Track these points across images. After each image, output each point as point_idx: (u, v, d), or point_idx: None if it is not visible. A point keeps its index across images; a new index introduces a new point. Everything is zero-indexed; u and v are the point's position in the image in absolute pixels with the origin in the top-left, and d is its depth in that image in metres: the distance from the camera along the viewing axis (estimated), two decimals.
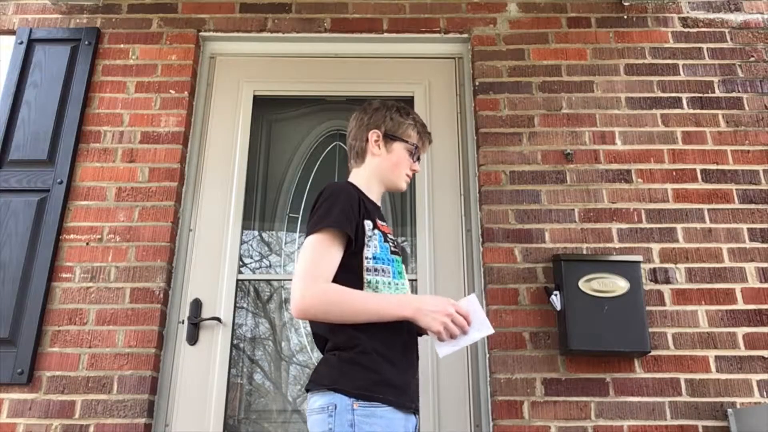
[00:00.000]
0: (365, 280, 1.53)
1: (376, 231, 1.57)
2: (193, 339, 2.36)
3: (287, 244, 2.63)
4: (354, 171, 1.72)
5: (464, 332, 1.50)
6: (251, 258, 2.61)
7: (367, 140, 1.69)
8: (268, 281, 2.62)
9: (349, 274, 1.52)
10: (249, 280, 2.57)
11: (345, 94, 2.80)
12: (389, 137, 1.68)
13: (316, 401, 1.48)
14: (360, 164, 1.71)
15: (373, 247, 1.56)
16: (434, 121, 2.69)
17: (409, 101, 2.75)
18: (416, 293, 2.47)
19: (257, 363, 2.47)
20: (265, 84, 2.78)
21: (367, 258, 1.55)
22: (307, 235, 1.52)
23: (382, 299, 1.53)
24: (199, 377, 2.32)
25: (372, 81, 2.77)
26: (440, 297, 1.56)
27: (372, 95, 2.77)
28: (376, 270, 1.55)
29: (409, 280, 2.48)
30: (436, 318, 1.48)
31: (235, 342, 2.43)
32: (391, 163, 1.69)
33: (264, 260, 2.64)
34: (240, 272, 2.50)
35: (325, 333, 1.54)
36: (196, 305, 2.39)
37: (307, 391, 1.53)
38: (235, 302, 2.43)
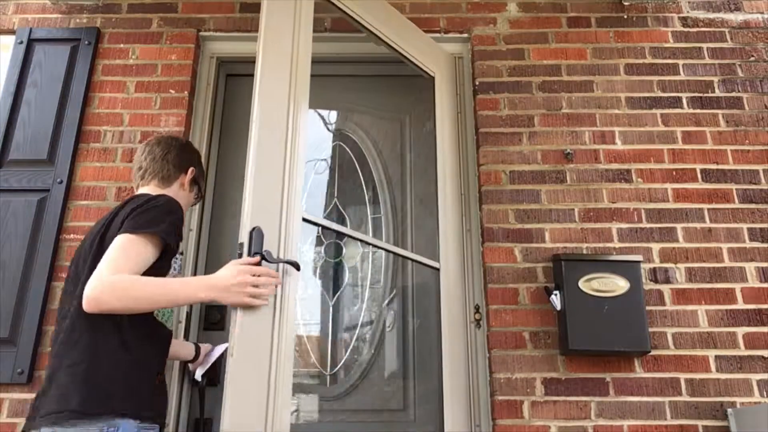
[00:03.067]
0: None
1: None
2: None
3: None
4: (156, 191, 1.88)
5: (277, 281, 1.63)
6: None
7: (184, 173, 1.95)
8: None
9: None
10: None
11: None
12: (194, 181, 2.00)
13: None
14: (164, 187, 1.90)
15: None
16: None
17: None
18: None
19: None
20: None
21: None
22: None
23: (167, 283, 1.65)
24: None
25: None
26: (227, 266, 1.63)
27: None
28: None
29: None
30: (240, 291, 1.57)
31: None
32: (188, 200, 2.00)
33: None
34: None
35: None
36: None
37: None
38: None
